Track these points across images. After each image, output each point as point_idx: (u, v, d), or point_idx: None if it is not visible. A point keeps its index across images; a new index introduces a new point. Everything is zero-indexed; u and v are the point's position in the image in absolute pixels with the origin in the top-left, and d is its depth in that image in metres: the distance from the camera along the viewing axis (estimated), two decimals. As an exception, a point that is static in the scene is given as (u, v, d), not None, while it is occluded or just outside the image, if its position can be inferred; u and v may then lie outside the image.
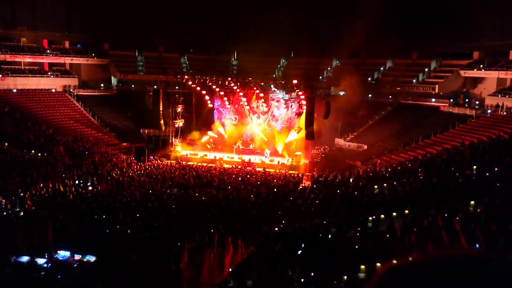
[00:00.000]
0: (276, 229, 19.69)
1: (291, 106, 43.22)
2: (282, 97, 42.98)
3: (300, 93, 39.74)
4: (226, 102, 45.93)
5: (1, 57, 46.56)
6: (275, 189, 28.32)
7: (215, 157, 39.76)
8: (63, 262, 15.14)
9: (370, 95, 48.45)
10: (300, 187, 30.10)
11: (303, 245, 16.81)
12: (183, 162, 37.48)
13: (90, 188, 27.41)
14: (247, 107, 45.21)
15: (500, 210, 16.22)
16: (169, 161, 37.84)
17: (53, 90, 47.74)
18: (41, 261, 14.79)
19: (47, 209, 21.05)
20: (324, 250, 16.11)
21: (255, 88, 43.11)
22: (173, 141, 42.37)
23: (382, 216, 19.57)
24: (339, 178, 29.84)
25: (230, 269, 15.93)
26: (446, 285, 1.03)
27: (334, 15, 47.59)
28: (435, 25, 48.30)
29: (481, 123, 35.66)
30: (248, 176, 32.72)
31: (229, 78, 43.51)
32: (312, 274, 14.06)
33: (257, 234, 19.77)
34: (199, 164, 37.80)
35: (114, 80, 54.88)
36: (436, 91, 45.38)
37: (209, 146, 41.91)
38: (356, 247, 16.02)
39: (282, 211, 22.30)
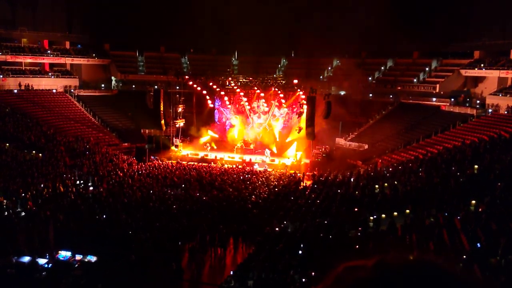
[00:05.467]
0: (277, 229, 19.67)
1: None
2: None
3: (301, 92, 39.81)
4: (227, 102, 45.96)
5: (2, 58, 46.63)
6: (276, 189, 28.32)
7: (215, 157, 39.76)
8: (64, 262, 15.13)
9: (371, 95, 48.43)
10: (301, 187, 30.07)
11: (304, 245, 16.80)
12: (184, 162, 37.48)
13: (91, 188, 27.42)
14: (248, 107, 45.22)
15: (501, 210, 16.20)
16: (170, 161, 37.84)
17: (54, 91, 47.79)
18: (42, 261, 14.79)
19: (48, 209, 21.04)
20: (325, 250, 16.09)
21: (255, 88, 43.17)
22: (174, 141, 42.39)
23: (383, 215, 19.58)
24: (340, 177, 29.84)
25: (232, 270, 15.92)
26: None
27: (334, 14, 47.59)
28: (435, 24, 48.27)
29: (482, 123, 35.61)
30: (248, 176, 32.70)
31: (230, 78, 43.54)
32: (313, 274, 14.05)
33: (258, 234, 19.75)
34: (200, 164, 37.79)
35: (114, 80, 54.94)
36: (437, 90, 45.36)
37: (208, 148, 41.84)
38: (357, 246, 16.00)
39: (283, 211, 22.28)
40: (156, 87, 43.26)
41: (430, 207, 19.13)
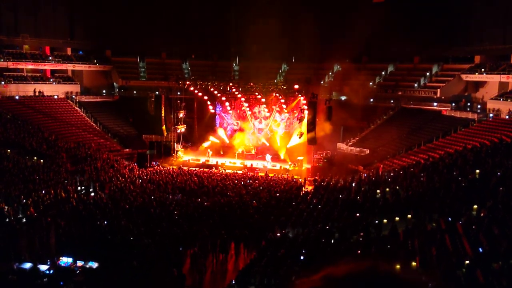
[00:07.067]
0: (279, 234, 19.64)
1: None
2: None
3: (302, 98, 39.88)
4: (228, 108, 46.06)
5: (4, 64, 46.80)
6: (277, 194, 28.29)
7: (217, 162, 39.80)
8: (65, 268, 15.12)
9: (371, 100, 48.46)
10: (303, 192, 30.06)
11: (306, 251, 16.76)
12: (185, 168, 37.49)
13: (93, 194, 27.43)
14: (249, 112, 45.30)
15: (503, 214, 16.16)
16: (171, 167, 37.86)
17: (56, 97, 47.92)
18: (43, 267, 14.78)
19: (50, 215, 21.04)
20: (327, 255, 16.05)
21: (256, 93, 43.27)
22: (175, 146, 42.45)
23: (385, 220, 19.52)
24: (341, 183, 29.79)
25: (233, 276, 15.88)
26: None
27: (335, 19, 47.74)
28: (436, 29, 48.36)
29: (483, 127, 35.58)
30: (250, 181, 32.68)
31: (231, 84, 43.67)
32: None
33: (259, 239, 19.72)
34: (201, 169, 37.81)
35: (116, 86, 55.10)
36: (438, 95, 45.38)
37: (210, 154, 41.83)
38: (359, 252, 15.95)
39: (284, 216, 22.25)
40: (157, 93, 43.37)
41: (432, 212, 19.09)
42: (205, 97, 45.26)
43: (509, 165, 21.98)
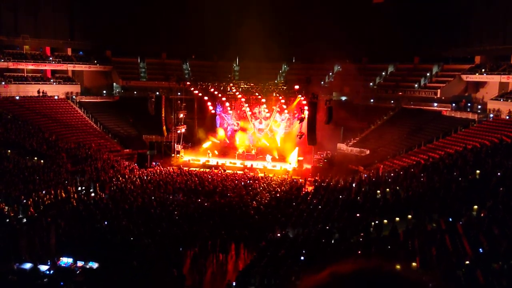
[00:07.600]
0: (279, 234, 19.64)
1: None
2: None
3: (302, 98, 39.89)
4: (228, 108, 46.05)
5: (4, 65, 46.81)
6: (277, 195, 28.29)
7: (217, 162, 39.78)
8: (65, 268, 15.13)
9: (372, 100, 48.44)
10: (303, 192, 30.04)
11: (306, 251, 16.76)
12: (185, 168, 37.48)
13: (93, 194, 27.44)
14: (249, 113, 45.30)
15: (503, 214, 16.16)
16: (171, 167, 37.85)
17: (56, 97, 47.92)
18: (44, 268, 14.79)
19: (50, 215, 21.05)
20: (327, 255, 16.05)
21: (256, 94, 43.29)
22: (176, 147, 42.45)
23: (385, 221, 19.52)
24: (341, 183, 29.78)
25: (233, 276, 15.88)
26: None
27: (335, 19, 47.74)
28: (436, 29, 48.35)
29: (483, 128, 35.57)
30: (250, 181, 32.67)
31: (231, 84, 43.67)
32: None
33: (260, 240, 19.72)
34: (202, 170, 37.80)
35: (116, 87, 55.11)
36: (438, 95, 45.35)
37: (209, 155, 41.82)
38: (359, 252, 15.95)
39: (284, 217, 22.25)
40: (157, 93, 43.38)
41: (432, 212, 19.09)
42: (205, 98, 45.27)
43: (509, 165, 21.98)
